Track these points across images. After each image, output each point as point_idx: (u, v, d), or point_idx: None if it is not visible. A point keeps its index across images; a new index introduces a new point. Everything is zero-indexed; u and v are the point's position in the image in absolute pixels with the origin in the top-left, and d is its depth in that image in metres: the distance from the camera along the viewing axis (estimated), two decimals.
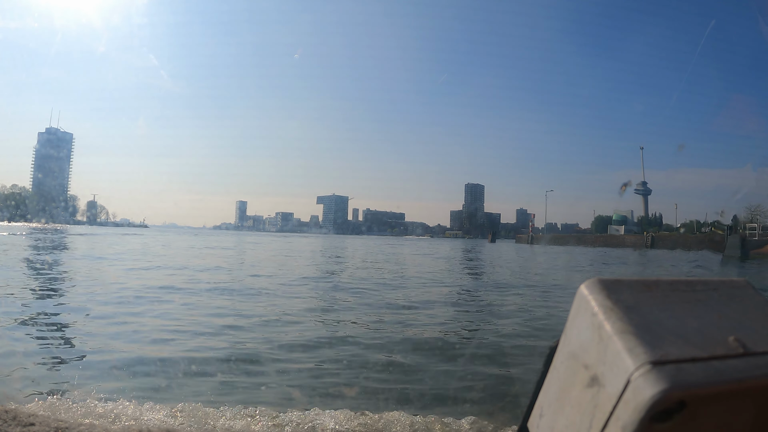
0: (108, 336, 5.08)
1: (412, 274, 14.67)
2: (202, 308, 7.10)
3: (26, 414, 1.51)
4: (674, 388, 0.47)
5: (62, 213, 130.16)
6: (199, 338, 5.13)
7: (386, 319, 6.62)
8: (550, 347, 0.63)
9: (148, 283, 9.54)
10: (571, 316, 0.60)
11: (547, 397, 0.62)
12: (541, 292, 10.45)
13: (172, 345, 4.81)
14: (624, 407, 0.49)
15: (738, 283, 0.65)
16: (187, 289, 9.02)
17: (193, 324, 5.89)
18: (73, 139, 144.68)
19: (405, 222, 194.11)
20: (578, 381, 0.56)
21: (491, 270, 18.14)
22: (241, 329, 5.58)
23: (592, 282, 0.59)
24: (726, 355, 0.52)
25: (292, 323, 6.19)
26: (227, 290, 9.13)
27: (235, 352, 4.52)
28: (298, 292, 9.44)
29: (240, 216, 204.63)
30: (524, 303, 8.65)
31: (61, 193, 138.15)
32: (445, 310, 7.78)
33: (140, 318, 6.13)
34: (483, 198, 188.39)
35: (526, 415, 0.66)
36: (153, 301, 7.54)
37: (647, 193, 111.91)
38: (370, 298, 8.79)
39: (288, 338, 5.20)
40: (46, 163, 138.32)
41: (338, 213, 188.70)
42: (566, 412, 0.58)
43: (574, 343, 0.58)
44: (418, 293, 9.65)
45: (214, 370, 3.96)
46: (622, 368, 0.50)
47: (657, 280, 0.62)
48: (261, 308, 7.18)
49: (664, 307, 0.58)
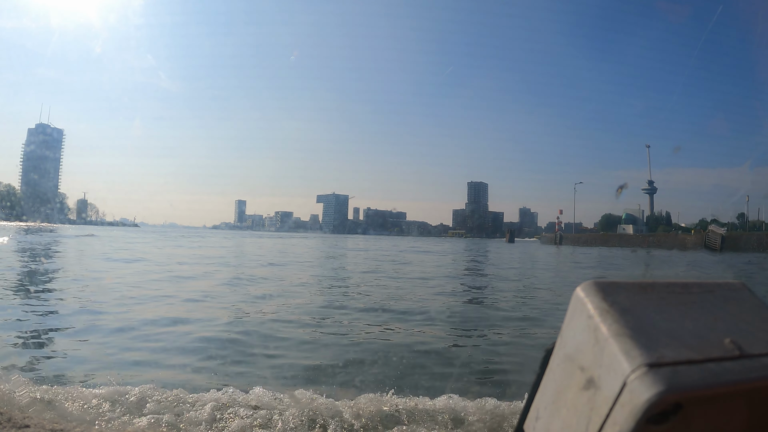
0: (103, 337, 5.07)
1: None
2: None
3: (21, 416, 1.50)
4: (670, 391, 0.47)
5: (52, 212, 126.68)
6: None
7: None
8: (546, 349, 0.63)
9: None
10: (567, 319, 0.60)
11: (544, 400, 0.61)
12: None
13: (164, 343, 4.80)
14: (620, 409, 0.49)
15: (734, 286, 0.65)
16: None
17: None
18: (63, 135, 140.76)
19: (406, 222, 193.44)
20: (574, 383, 0.56)
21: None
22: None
23: (588, 284, 0.59)
24: (722, 357, 0.52)
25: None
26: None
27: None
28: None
29: (239, 216, 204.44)
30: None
31: (52, 191, 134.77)
32: None
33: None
34: (486, 196, 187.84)
35: (522, 418, 0.65)
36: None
37: (653, 191, 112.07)
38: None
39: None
40: (36, 160, 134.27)
41: (338, 212, 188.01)
42: (562, 415, 0.57)
43: (570, 345, 0.58)
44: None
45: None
46: (618, 370, 0.50)
47: (653, 282, 0.62)
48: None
49: (660, 309, 0.57)
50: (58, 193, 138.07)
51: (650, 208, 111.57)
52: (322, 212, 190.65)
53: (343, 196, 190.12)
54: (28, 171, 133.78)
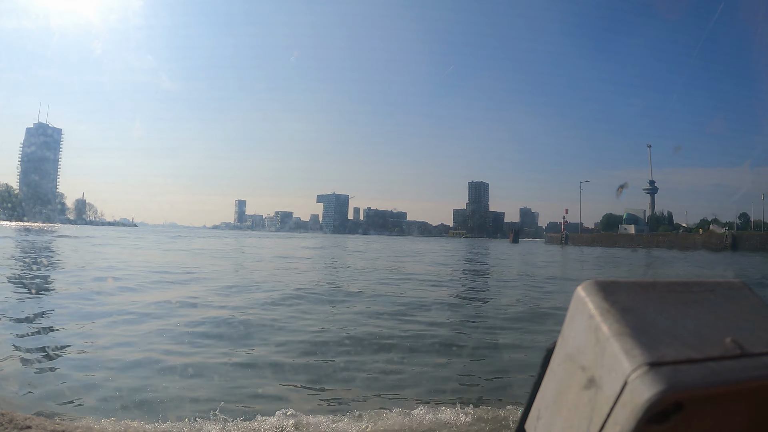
0: (103, 340, 5.07)
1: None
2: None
3: (23, 417, 1.50)
4: (671, 390, 0.47)
5: (50, 212, 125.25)
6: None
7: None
8: (547, 349, 0.62)
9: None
10: (568, 318, 0.60)
11: (545, 400, 0.61)
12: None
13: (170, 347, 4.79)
14: (621, 409, 0.49)
15: (734, 285, 0.65)
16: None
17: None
18: (62, 135, 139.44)
19: (407, 222, 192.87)
20: (575, 383, 0.56)
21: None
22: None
23: (589, 284, 0.59)
24: (723, 356, 0.52)
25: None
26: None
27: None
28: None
29: (239, 216, 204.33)
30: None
31: (50, 191, 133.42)
32: None
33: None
34: (487, 196, 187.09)
35: (524, 417, 0.65)
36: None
37: (654, 191, 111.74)
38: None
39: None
40: (34, 159, 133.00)
41: (338, 212, 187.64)
42: (563, 414, 0.57)
43: (571, 345, 0.58)
44: None
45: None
46: (619, 370, 0.50)
47: (653, 282, 0.62)
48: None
49: (660, 308, 0.57)
50: (56, 193, 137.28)
51: (651, 208, 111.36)
52: (323, 212, 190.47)
53: (343, 196, 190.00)
54: (26, 170, 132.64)
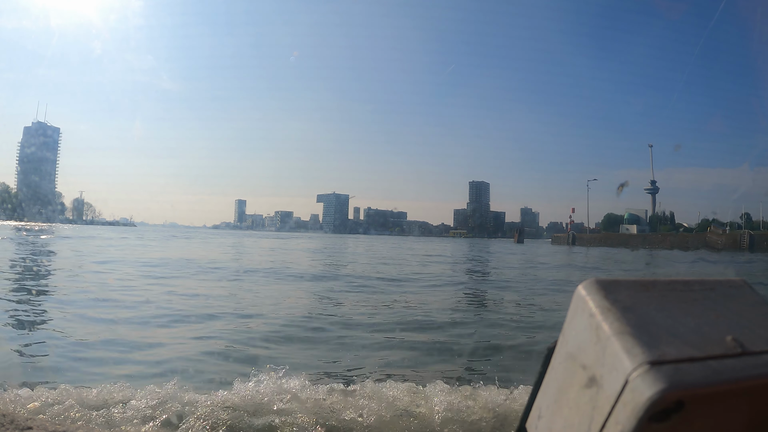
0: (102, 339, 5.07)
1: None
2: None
3: (24, 418, 1.51)
4: (672, 388, 0.47)
5: (48, 211, 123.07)
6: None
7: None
8: (547, 348, 0.63)
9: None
10: (569, 317, 0.60)
11: (546, 398, 0.62)
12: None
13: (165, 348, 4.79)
14: (622, 408, 0.49)
15: (735, 283, 0.65)
16: None
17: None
18: (60, 133, 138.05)
19: (407, 221, 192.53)
20: (576, 382, 0.56)
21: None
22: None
23: (590, 282, 0.59)
24: (724, 354, 0.52)
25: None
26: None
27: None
28: None
29: (239, 216, 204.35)
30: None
31: (48, 190, 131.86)
32: None
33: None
34: (488, 196, 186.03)
35: (524, 416, 0.65)
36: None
37: (656, 191, 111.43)
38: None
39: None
40: (32, 158, 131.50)
41: (339, 212, 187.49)
42: (564, 413, 0.57)
43: (571, 343, 0.58)
44: None
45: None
46: (620, 369, 0.50)
47: (654, 280, 0.62)
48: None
49: (661, 307, 0.57)
50: (55, 192, 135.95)
51: (653, 207, 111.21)
52: (323, 212, 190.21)
53: (343, 196, 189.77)
54: (24, 169, 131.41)
